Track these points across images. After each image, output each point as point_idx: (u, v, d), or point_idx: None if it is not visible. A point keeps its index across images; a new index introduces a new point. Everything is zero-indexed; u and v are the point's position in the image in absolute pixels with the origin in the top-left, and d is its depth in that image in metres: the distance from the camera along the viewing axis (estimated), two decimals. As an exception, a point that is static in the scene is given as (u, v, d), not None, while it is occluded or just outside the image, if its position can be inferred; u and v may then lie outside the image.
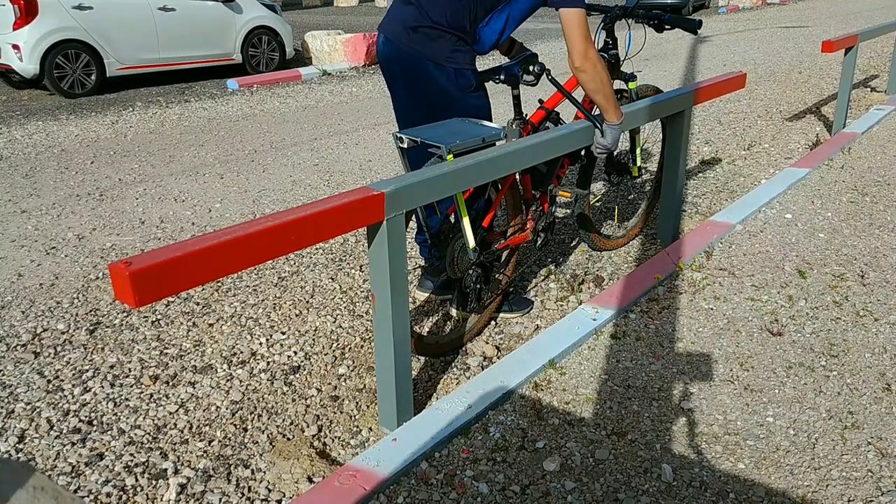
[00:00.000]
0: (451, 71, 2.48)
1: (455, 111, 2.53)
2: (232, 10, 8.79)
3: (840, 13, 15.51)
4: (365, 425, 2.24)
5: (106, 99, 7.67)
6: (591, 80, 2.42)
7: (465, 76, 2.52)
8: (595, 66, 2.39)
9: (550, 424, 2.17)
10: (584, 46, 2.36)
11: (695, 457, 2.02)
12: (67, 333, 2.82)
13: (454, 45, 2.47)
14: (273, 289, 3.16)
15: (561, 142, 2.49)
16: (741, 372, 2.43)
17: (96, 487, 1.98)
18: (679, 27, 2.87)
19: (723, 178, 4.59)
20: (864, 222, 3.69)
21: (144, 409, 2.33)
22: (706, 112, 6.39)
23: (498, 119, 5.87)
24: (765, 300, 2.92)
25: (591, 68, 2.39)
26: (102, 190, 4.56)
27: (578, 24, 2.35)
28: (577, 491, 1.90)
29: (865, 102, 6.52)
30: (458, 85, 2.51)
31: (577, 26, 2.35)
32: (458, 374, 2.51)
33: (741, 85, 3.57)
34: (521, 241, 2.76)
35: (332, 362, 2.59)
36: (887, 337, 2.62)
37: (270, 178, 4.77)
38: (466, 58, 2.52)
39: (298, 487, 1.95)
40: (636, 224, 3.58)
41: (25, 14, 7.33)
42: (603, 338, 2.65)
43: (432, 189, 2.03)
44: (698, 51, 10.32)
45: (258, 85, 8.27)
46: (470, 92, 2.55)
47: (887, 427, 2.13)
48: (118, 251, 3.62)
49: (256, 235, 1.62)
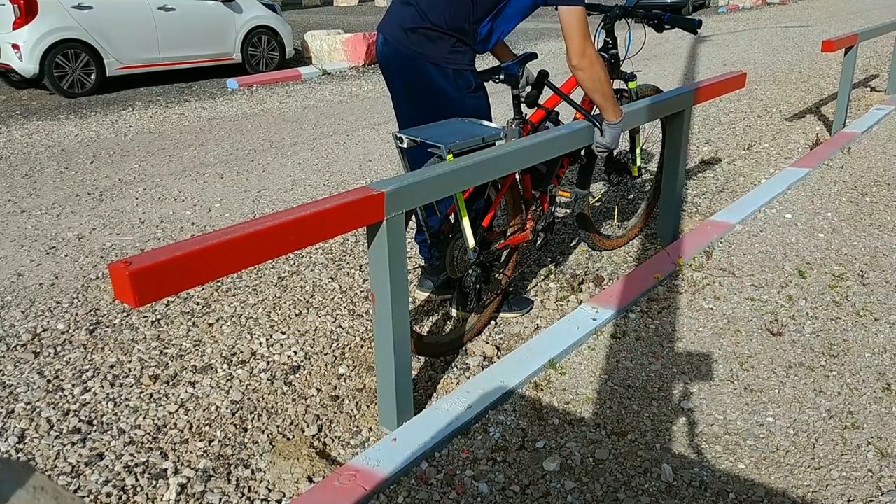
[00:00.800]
0: (451, 72, 2.48)
1: (454, 111, 2.52)
2: (232, 9, 8.79)
3: (840, 13, 15.51)
4: (365, 425, 2.24)
5: (106, 99, 7.66)
6: (589, 78, 2.41)
7: (464, 77, 2.51)
8: (592, 65, 2.38)
9: (550, 424, 2.17)
10: (581, 45, 2.34)
11: (695, 457, 2.02)
12: (67, 333, 2.82)
13: (453, 45, 2.47)
14: (273, 289, 3.16)
15: (561, 142, 2.48)
16: (741, 372, 2.43)
17: (96, 487, 1.98)
18: (679, 27, 2.87)
19: (723, 177, 4.59)
20: (864, 222, 3.69)
21: (144, 408, 2.33)
22: (706, 112, 6.39)
23: (498, 119, 5.88)
24: (765, 300, 2.92)
25: (589, 66, 2.38)
26: (102, 190, 4.56)
27: (577, 21, 2.34)
28: (577, 491, 1.90)
29: (865, 102, 6.52)
30: (458, 85, 2.51)
31: (576, 24, 2.34)
32: (458, 373, 2.51)
33: (741, 85, 3.57)
34: (521, 241, 2.76)
35: (332, 362, 2.59)
36: (887, 337, 2.62)
37: (270, 177, 4.77)
38: (465, 58, 2.51)
39: (298, 487, 1.95)
40: (636, 224, 3.58)
41: (25, 14, 7.33)
42: (603, 338, 2.65)
43: (432, 189, 2.03)
44: (698, 51, 10.32)
45: (258, 85, 8.27)
46: (469, 92, 2.55)
47: (887, 427, 2.13)
48: (118, 251, 3.62)
49: (256, 235, 1.62)
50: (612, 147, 2.62)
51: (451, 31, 2.45)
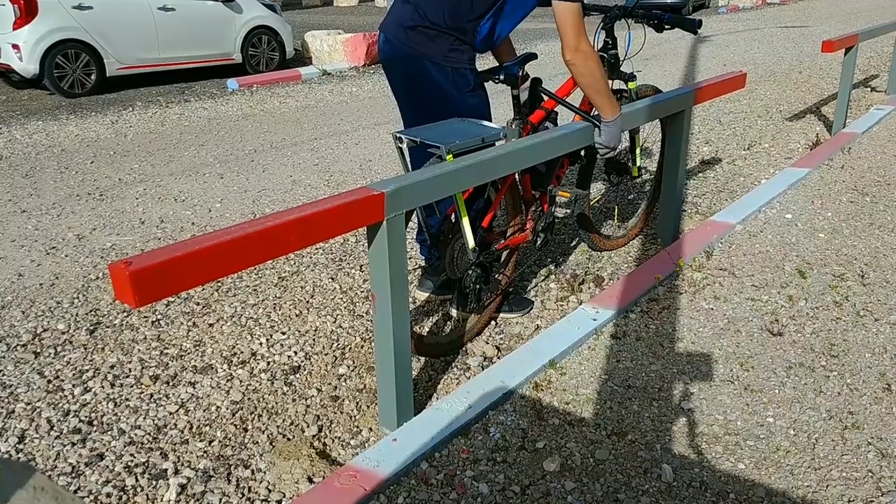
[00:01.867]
0: (450, 70, 2.48)
1: (453, 110, 2.52)
2: (232, 9, 8.79)
3: (840, 13, 15.51)
4: (365, 425, 2.24)
5: (106, 99, 7.66)
6: (583, 73, 2.38)
7: (463, 75, 2.51)
8: (587, 60, 2.34)
9: (550, 425, 2.17)
10: (575, 40, 2.31)
11: (695, 457, 2.02)
12: (67, 333, 2.82)
13: (452, 44, 2.47)
14: (273, 289, 3.16)
15: (560, 142, 2.48)
16: (741, 372, 2.43)
17: (96, 488, 1.98)
18: (679, 27, 2.86)
19: (723, 178, 4.58)
20: (864, 222, 3.69)
21: (144, 409, 2.33)
22: (706, 112, 6.39)
23: (498, 119, 5.86)
24: (765, 300, 2.92)
25: (583, 62, 2.34)
26: (102, 190, 4.56)
27: (572, 16, 2.29)
28: (577, 491, 1.90)
29: (865, 102, 6.52)
30: (457, 84, 2.51)
31: (571, 18, 2.29)
32: (458, 374, 2.51)
33: (741, 85, 3.57)
34: (521, 242, 2.76)
35: (333, 362, 2.59)
36: (887, 337, 2.62)
37: (270, 177, 4.77)
38: (465, 57, 2.51)
39: (298, 488, 1.95)
40: (636, 224, 3.58)
41: (25, 14, 7.33)
42: (603, 338, 2.65)
43: (432, 189, 2.03)
44: (698, 51, 10.32)
45: (258, 85, 8.27)
46: (468, 91, 2.54)
47: (887, 427, 2.13)
48: (118, 251, 3.62)
49: (256, 235, 1.62)
50: (612, 146, 2.61)
51: (450, 29, 2.44)
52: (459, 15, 2.44)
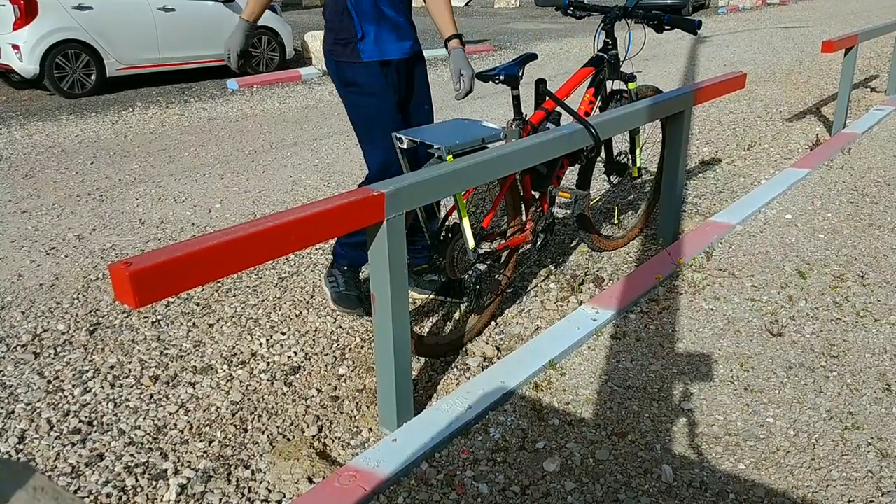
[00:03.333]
0: (332, 64, 2.33)
1: (347, 109, 2.43)
2: (232, 10, 8.80)
3: (840, 13, 15.52)
4: (365, 426, 2.24)
5: (106, 99, 7.67)
6: None
7: (342, 70, 2.36)
8: None
9: (550, 425, 2.17)
10: None
11: (695, 457, 2.02)
12: (67, 334, 2.82)
13: (335, 37, 2.32)
14: (273, 289, 3.16)
15: (560, 142, 2.48)
16: (741, 372, 2.43)
17: (96, 488, 1.98)
18: (679, 28, 2.87)
19: (723, 178, 4.59)
20: (864, 223, 3.69)
21: (144, 409, 2.33)
22: (706, 112, 6.39)
23: (498, 119, 5.87)
24: (765, 301, 2.92)
25: None
26: (102, 190, 4.56)
27: None
28: (577, 491, 1.90)
29: (865, 102, 6.52)
30: (340, 81, 2.38)
31: None
32: (458, 374, 2.51)
33: (741, 85, 3.57)
34: (521, 242, 2.76)
35: (333, 363, 2.59)
36: (887, 337, 2.62)
37: (270, 178, 4.77)
38: (346, 50, 2.33)
39: (298, 488, 1.95)
40: (636, 224, 3.58)
41: (25, 14, 7.33)
42: (603, 338, 2.65)
43: (432, 189, 2.03)
44: (698, 51, 10.32)
45: (258, 85, 8.27)
46: (345, 87, 2.39)
47: (887, 427, 2.13)
48: (118, 251, 3.62)
49: (256, 236, 1.62)
50: (470, 76, 2.42)
51: (327, 20, 2.30)
52: (330, 4, 2.28)
